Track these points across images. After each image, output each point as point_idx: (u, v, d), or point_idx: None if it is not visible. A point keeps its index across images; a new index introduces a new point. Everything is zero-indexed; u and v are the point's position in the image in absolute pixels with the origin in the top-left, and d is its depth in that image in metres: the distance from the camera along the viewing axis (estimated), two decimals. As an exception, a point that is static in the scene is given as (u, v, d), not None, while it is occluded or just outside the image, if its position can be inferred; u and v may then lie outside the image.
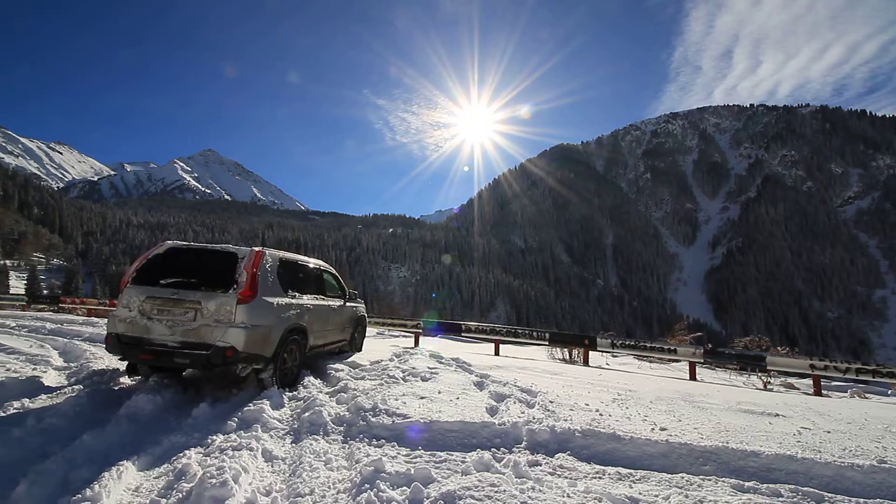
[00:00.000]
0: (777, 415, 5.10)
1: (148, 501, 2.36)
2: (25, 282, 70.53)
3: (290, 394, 4.58)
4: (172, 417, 3.82)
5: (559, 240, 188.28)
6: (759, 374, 11.26)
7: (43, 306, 20.42)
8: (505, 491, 2.58)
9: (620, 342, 11.61)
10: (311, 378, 5.30)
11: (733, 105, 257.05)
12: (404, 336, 17.22)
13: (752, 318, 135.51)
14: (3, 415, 3.47)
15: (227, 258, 4.64)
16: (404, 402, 4.19)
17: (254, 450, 3.00)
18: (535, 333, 12.48)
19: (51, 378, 4.62)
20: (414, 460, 3.04)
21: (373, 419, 3.70)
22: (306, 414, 3.81)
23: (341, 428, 3.66)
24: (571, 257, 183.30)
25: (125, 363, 4.83)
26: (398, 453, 3.16)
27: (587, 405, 4.85)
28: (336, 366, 6.03)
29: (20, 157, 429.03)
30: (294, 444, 3.34)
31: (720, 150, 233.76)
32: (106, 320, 11.13)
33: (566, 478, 2.96)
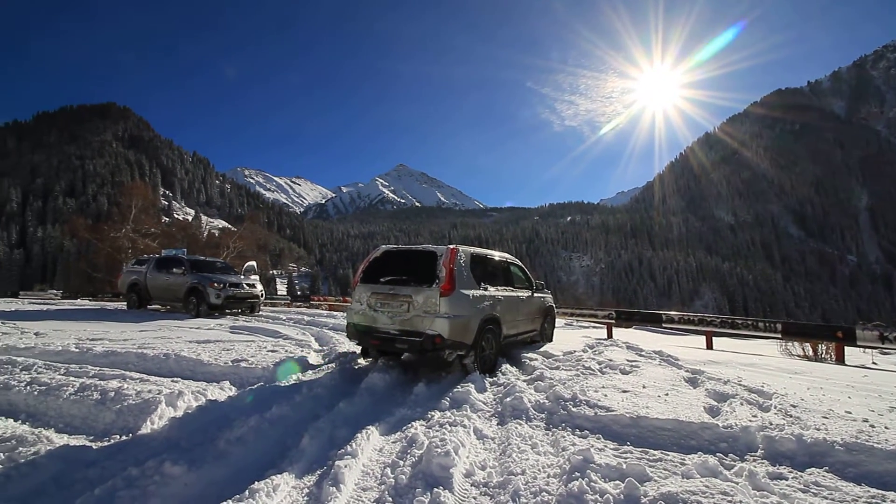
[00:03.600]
0: None
1: (390, 461, 2.83)
2: (286, 285, 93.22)
3: (491, 379, 4.88)
4: (398, 393, 4.51)
5: (784, 209, 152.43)
6: None
7: (299, 303, 26.50)
8: (741, 502, 2.25)
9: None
10: (508, 366, 5.57)
11: None
12: (594, 327, 16.50)
13: None
14: (286, 384, 4.61)
15: (429, 256, 5.23)
16: (605, 395, 4.03)
17: (467, 427, 3.31)
18: (760, 324, 10.33)
19: (313, 358, 5.93)
20: (624, 455, 2.91)
21: (573, 409, 3.67)
22: (508, 399, 4.01)
23: (542, 415, 3.74)
24: (804, 230, 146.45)
25: (360, 347, 5.90)
26: (605, 446, 3.08)
27: (848, 413, 3.85)
28: (529, 355, 6.16)
29: (275, 192, 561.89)
30: (500, 426, 3.55)
31: None
32: (340, 313, 13.77)
33: (826, 498, 2.43)
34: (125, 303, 14.24)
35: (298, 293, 73.76)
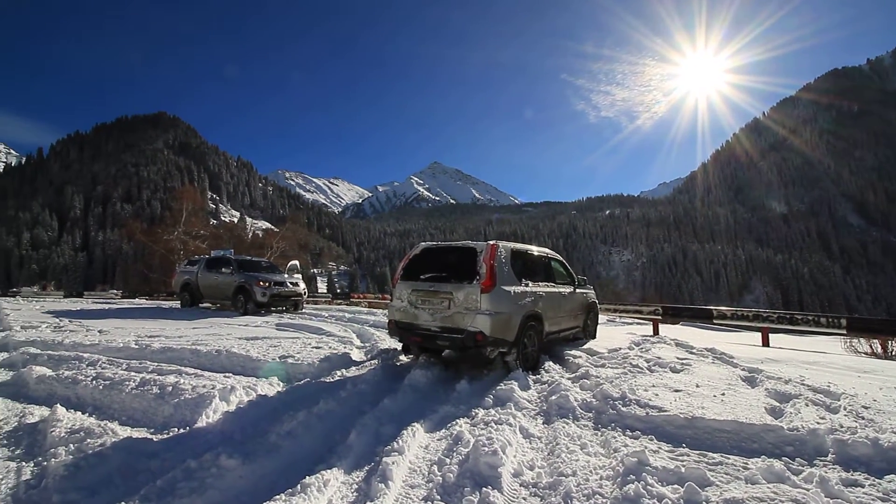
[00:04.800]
0: None
1: (436, 459, 2.81)
2: (326, 283, 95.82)
3: (534, 377, 4.79)
4: (441, 390, 4.49)
5: (843, 197, 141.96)
6: None
7: (340, 301, 27.12)
8: (816, 511, 2.08)
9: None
10: (551, 363, 5.45)
11: None
12: (638, 323, 15.99)
13: None
14: (332, 380, 4.68)
15: (469, 253, 5.18)
16: (656, 394, 3.87)
17: (512, 426, 3.24)
18: (822, 320, 9.61)
19: (355, 354, 6.01)
20: (680, 458, 2.76)
21: (623, 409, 3.54)
22: (553, 397, 3.91)
23: (589, 414, 3.62)
24: (865, 218, 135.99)
25: (401, 344, 5.93)
26: (659, 448, 2.94)
27: (929, 416, 3.52)
28: (573, 352, 6.02)
29: (314, 193, 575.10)
30: (546, 425, 3.47)
31: None
32: (379, 310, 13.95)
33: (912, 510, 2.21)
34: (179, 301, 14.99)
35: (338, 291, 75.54)
